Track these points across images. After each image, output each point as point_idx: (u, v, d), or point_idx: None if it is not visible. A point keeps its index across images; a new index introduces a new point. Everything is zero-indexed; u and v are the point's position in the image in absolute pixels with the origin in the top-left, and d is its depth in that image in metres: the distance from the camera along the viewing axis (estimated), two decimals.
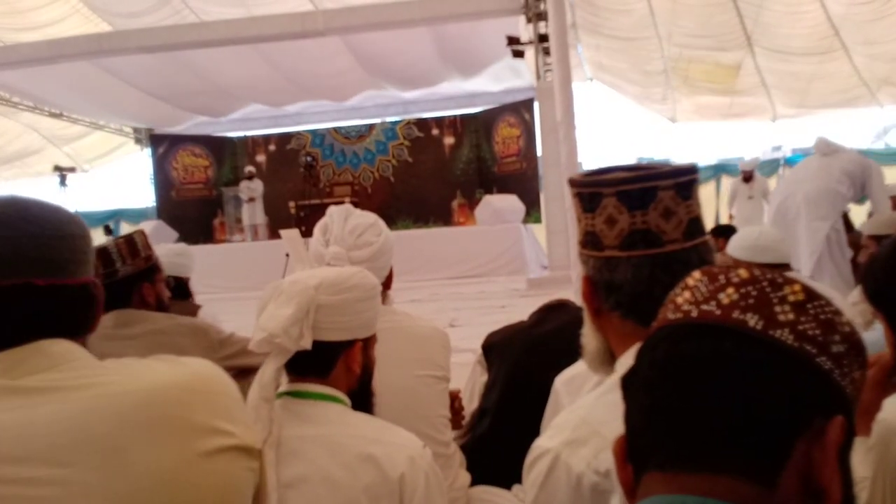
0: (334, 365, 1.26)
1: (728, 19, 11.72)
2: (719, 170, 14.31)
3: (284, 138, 14.54)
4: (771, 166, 14.22)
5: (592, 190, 1.00)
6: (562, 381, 1.31)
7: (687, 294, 0.59)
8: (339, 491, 1.14)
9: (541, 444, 0.96)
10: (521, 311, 2.31)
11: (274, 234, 11.63)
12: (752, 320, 0.54)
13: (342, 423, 1.21)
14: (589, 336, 1.03)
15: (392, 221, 12.51)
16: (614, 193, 0.97)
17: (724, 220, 9.68)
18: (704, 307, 0.56)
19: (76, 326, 0.91)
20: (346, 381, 1.27)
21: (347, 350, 1.27)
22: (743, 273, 0.58)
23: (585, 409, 0.95)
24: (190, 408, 0.86)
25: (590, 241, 1.01)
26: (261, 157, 14.53)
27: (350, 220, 1.70)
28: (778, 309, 0.55)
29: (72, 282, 0.90)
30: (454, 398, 1.84)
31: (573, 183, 1.02)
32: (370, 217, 1.73)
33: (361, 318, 1.28)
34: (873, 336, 1.25)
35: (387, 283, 1.76)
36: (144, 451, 0.81)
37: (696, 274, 0.60)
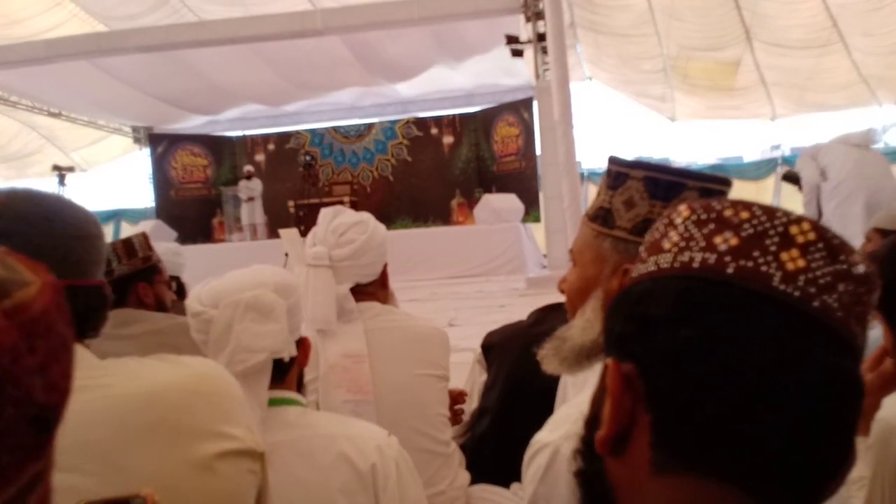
0: (293, 365, 1.24)
1: (726, 12, 11.73)
2: (718, 170, 14.32)
3: (283, 137, 14.53)
4: (769, 166, 14.23)
5: (622, 169, 1.02)
6: (569, 375, 1.31)
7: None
8: (313, 493, 1.12)
9: (540, 437, 0.96)
10: (520, 310, 2.30)
11: (273, 233, 11.63)
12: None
13: (305, 425, 1.19)
14: (585, 328, 1.02)
15: (391, 221, 12.51)
16: (642, 178, 1.00)
17: None
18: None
19: (88, 327, 0.90)
20: (295, 380, 1.26)
21: (299, 347, 1.26)
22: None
23: (586, 403, 0.94)
24: (191, 411, 0.85)
25: (600, 215, 1.04)
26: (260, 157, 14.52)
27: (335, 220, 1.69)
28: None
29: (89, 283, 0.89)
30: (459, 398, 1.84)
31: (610, 159, 1.05)
32: (357, 216, 1.72)
33: (301, 317, 1.29)
34: (873, 335, 1.25)
35: (383, 282, 1.76)
36: (144, 457, 0.80)
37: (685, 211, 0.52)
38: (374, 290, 1.72)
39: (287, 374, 1.22)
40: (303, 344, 1.27)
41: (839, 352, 0.46)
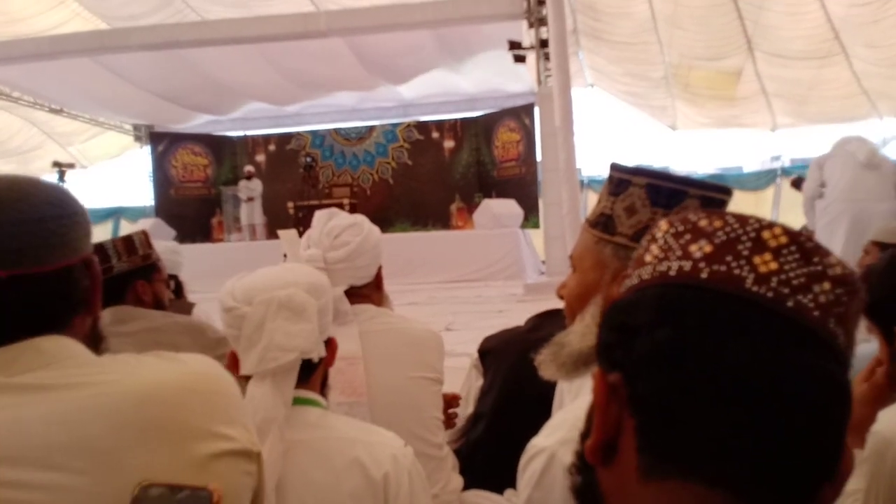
0: (320, 365, 1.24)
1: (729, 21, 11.77)
2: (717, 179, 14.33)
3: (284, 138, 14.54)
4: (769, 176, 14.25)
5: (624, 175, 1.03)
6: (566, 382, 1.31)
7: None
8: (324, 495, 1.12)
9: (536, 442, 0.96)
10: (518, 315, 2.31)
11: (272, 234, 11.62)
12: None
13: (323, 427, 1.19)
14: (585, 334, 1.02)
15: (390, 224, 12.52)
16: (644, 185, 1.00)
17: None
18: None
19: (57, 315, 0.86)
20: (319, 380, 1.26)
21: (327, 348, 1.25)
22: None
23: (582, 409, 0.94)
24: (187, 409, 0.84)
25: (601, 222, 1.04)
26: (260, 157, 14.53)
27: (330, 222, 1.70)
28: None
29: (43, 269, 0.83)
30: (453, 401, 1.84)
31: (612, 166, 1.06)
32: (352, 218, 1.72)
33: (330, 318, 1.28)
34: (870, 348, 1.25)
35: (377, 284, 1.77)
36: (138, 456, 0.78)
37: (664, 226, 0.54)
38: (368, 292, 1.73)
39: (312, 374, 1.22)
40: (331, 344, 1.26)
41: (816, 351, 0.46)
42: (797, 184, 6.14)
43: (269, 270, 1.24)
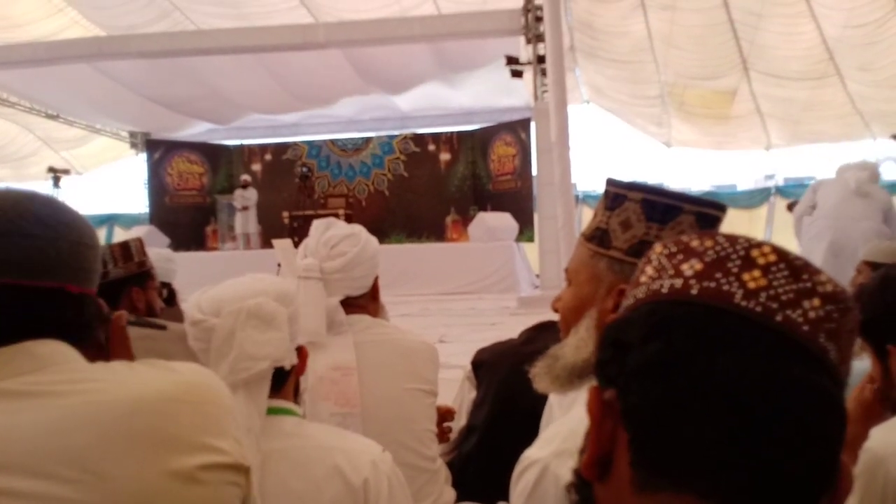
0: (291, 374, 1.23)
1: (724, 41, 11.88)
2: (711, 197, 14.35)
3: (281, 148, 14.55)
4: (762, 195, 14.32)
5: (620, 190, 1.03)
6: (556, 396, 1.31)
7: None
8: None
9: (529, 454, 0.95)
10: (511, 329, 2.31)
11: (266, 243, 11.60)
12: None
13: (300, 436, 1.18)
14: (579, 347, 1.02)
15: (385, 235, 12.51)
16: (640, 200, 1.01)
17: None
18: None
19: (89, 335, 0.90)
20: (292, 389, 1.25)
21: (297, 356, 1.25)
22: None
23: (576, 421, 0.94)
24: (177, 421, 0.83)
25: (597, 236, 1.05)
26: (256, 166, 14.53)
27: (327, 232, 1.69)
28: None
29: (92, 292, 0.90)
30: (447, 415, 1.83)
31: (608, 181, 1.07)
32: (349, 228, 1.72)
33: (299, 326, 1.28)
34: (862, 365, 1.26)
35: (374, 294, 1.76)
36: (125, 466, 0.78)
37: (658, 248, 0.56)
38: (364, 302, 1.72)
39: (285, 383, 1.21)
40: (301, 353, 1.26)
41: (807, 364, 0.47)
42: (792, 207, 6.25)
43: (236, 281, 1.23)
